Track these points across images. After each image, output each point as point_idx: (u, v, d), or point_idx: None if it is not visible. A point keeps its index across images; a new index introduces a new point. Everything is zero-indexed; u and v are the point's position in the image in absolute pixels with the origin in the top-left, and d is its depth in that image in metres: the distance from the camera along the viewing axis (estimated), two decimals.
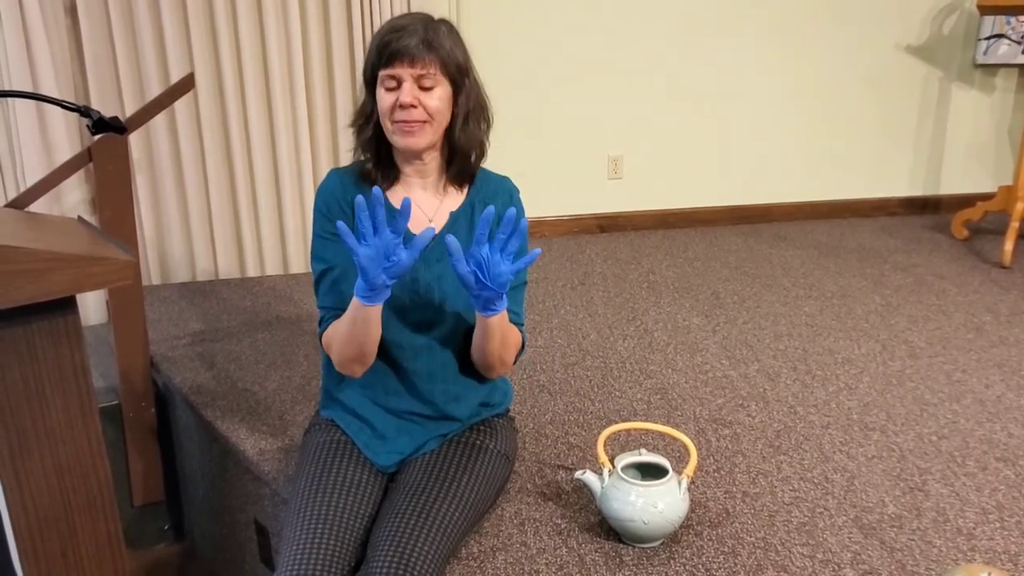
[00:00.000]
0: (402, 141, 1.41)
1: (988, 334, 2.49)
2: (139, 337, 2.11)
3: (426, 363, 1.50)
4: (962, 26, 3.84)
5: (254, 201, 3.00)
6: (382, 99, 1.40)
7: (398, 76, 1.37)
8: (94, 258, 1.19)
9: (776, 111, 3.73)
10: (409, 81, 1.37)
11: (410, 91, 1.37)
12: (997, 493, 1.66)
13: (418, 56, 1.37)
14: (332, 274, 1.49)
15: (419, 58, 1.37)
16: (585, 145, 3.56)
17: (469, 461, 1.49)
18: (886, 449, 1.83)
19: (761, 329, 2.53)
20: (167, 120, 2.82)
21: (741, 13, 3.55)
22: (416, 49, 1.36)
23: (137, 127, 2.06)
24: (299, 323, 2.58)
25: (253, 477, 1.83)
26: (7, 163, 2.61)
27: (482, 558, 1.43)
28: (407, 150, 1.44)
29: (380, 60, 1.39)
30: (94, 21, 2.66)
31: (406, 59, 1.36)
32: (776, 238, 3.57)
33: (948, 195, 4.06)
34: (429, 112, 1.39)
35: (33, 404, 1.23)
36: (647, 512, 1.41)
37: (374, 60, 1.40)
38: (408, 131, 1.40)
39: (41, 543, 1.27)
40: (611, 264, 3.21)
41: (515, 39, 3.35)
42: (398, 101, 1.38)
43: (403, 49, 1.36)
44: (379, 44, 1.39)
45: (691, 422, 1.94)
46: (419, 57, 1.37)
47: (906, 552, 1.47)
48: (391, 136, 1.43)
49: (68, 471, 1.28)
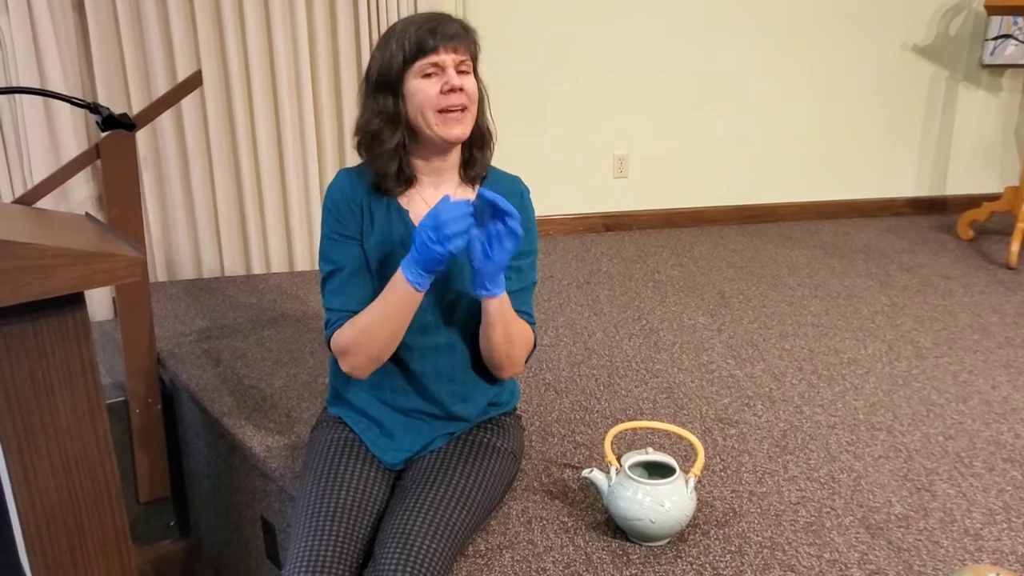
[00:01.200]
0: (450, 131, 1.39)
1: (994, 335, 2.49)
2: (146, 334, 2.11)
3: (434, 364, 1.50)
4: (969, 26, 3.83)
5: (260, 198, 3.00)
6: (423, 89, 1.37)
7: (442, 63, 1.36)
8: (102, 255, 1.19)
9: (782, 111, 3.72)
10: (452, 67, 1.37)
11: (454, 75, 1.37)
12: (1004, 494, 1.66)
13: (460, 41, 1.37)
14: (340, 275, 1.47)
15: (462, 43, 1.38)
16: (591, 144, 3.56)
17: (476, 459, 1.49)
18: (893, 449, 1.82)
19: (767, 329, 2.53)
20: (174, 117, 2.83)
21: (748, 13, 3.55)
22: (457, 35, 1.37)
23: (145, 124, 2.06)
24: (305, 320, 2.59)
25: (259, 474, 1.83)
26: (15, 160, 2.61)
27: (489, 556, 1.43)
28: (454, 140, 1.41)
29: (420, 50, 1.36)
30: (102, 18, 2.66)
31: (449, 45, 1.36)
32: (782, 238, 3.57)
33: (954, 195, 4.05)
34: (469, 97, 1.39)
35: (41, 400, 1.23)
36: (654, 511, 1.41)
37: (409, 54, 1.37)
38: (456, 118, 1.38)
39: (48, 538, 1.28)
40: (617, 263, 3.20)
41: (521, 38, 3.34)
42: (446, 85, 1.36)
43: (446, 35, 1.36)
44: (417, 37, 1.36)
45: (697, 421, 1.94)
46: (462, 42, 1.38)
47: (913, 552, 1.46)
48: (434, 128, 1.39)
49: (75, 467, 1.28)
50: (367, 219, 1.46)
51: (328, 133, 3.02)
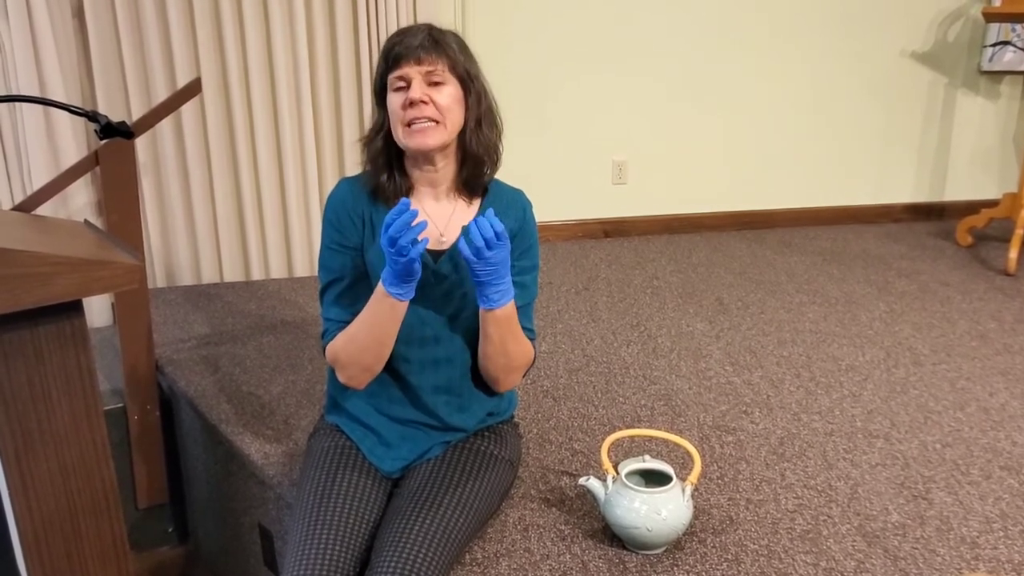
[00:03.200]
0: (412, 141, 1.39)
1: (992, 342, 2.49)
2: (144, 340, 2.12)
3: (433, 378, 1.50)
4: (967, 33, 3.84)
5: (259, 205, 3.01)
6: (392, 101, 1.40)
7: (406, 76, 1.37)
8: (101, 262, 1.20)
9: (781, 117, 3.73)
10: (418, 79, 1.38)
11: (419, 87, 1.37)
12: (1001, 502, 1.66)
13: (424, 53, 1.37)
14: (339, 286, 1.48)
15: (426, 55, 1.37)
16: (590, 150, 3.56)
17: (473, 467, 1.49)
18: (890, 457, 1.82)
19: (765, 335, 2.53)
20: (173, 124, 2.83)
21: (747, 19, 3.56)
22: (422, 46, 1.37)
23: (144, 131, 2.07)
24: (304, 327, 2.59)
25: (257, 481, 1.83)
26: (14, 166, 2.62)
27: (486, 564, 1.43)
28: (418, 151, 1.40)
29: (388, 64, 1.40)
30: (101, 25, 2.67)
31: (412, 57, 1.37)
32: (780, 244, 3.57)
33: (953, 202, 4.06)
34: (439, 109, 1.38)
35: (39, 407, 1.23)
36: (651, 519, 1.41)
37: (382, 67, 1.41)
38: (419, 129, 1.37)
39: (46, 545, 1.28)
40: (615, 269, 3.21)
41: (520, 44, 3.35)
42: (408, 99, 1.37)
43: (409, 47, 1.37)
44: (386, 49, 1.40)
45: (695, 428, 1.94)
46: (426, 54, 1.37)
47: (909, 561, 1.46)
48: (402, 140, 1.40)
49: (73, 473, 1.28)
50: (368, 228, 1.47)
51: (327, 139, 3.02)
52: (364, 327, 1.41)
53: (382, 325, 1.39)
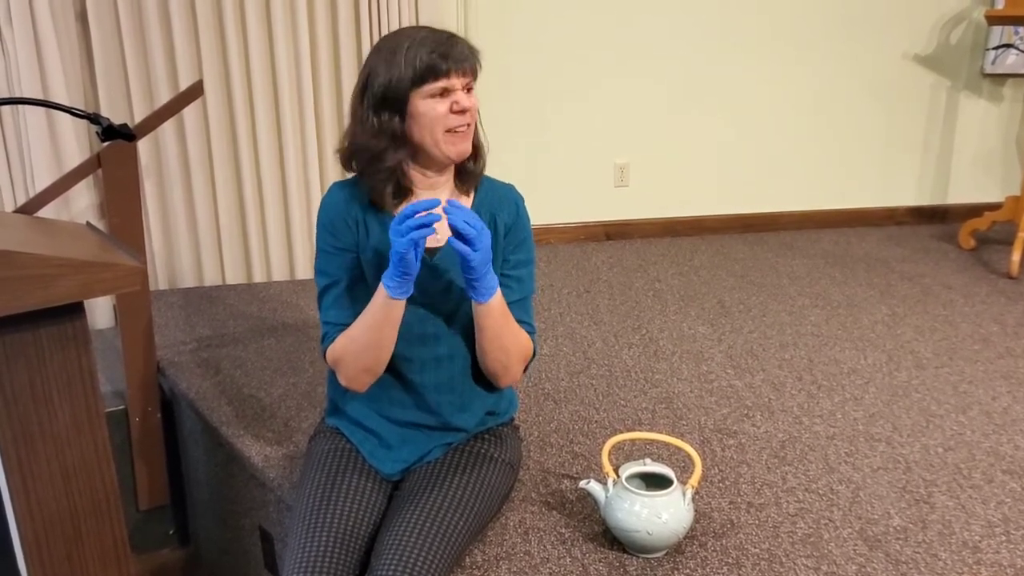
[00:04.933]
0: (455, 149, 1.41)
1: (995, 345, 2.48)
2: (146, 342, 2.12)
3: (433, 376, 1.50)
4: (970, 36, 3.84)
5: (261, 207, 3.01)
6: (433, 109, 1.37)
7: (452, 86, 1.38)
8: (103, 264, 1.20)
9: (783, 119, 3.73)
10: (461, 89, 1.39)
11: (465, 96, 1.39)
12: (1003, 506, 1.65)
13: (469, 64, 1.39)
14: (336, 289, 1.48)
15: (469, 66, 1.39)
16: (592, 153, 3.56)
17: (474, 470, 1.49)
18: (892, 461, 1.82)
19: (767, 338, 2.53)
20: (175, 126, 2.84)
21: (748, 22, 3.56)
22: (468, 57, 1.39)
23: (146, 134, 2.07)
24: (305, 329, 2.59)
25: (258, 483, 1.83)
26: (17, 169, 2.62)
27: (486, 567, 1.43)
28: (459, 158, 1.43)
29: (431, 73, 1.35)
30: (104, 28, 2.68)
31: (459, 69, 1.37)
32: (782, 247, 3.57)
33: (955, 205, 4.05)
34: (472, 116, 1.42)
35: (40, 408, 1.24)
36: (651, 523, 1.40)
37: (418, 76, 1.36)
38: (463, 136, 1.41)
39: (47, 547, 1.28)
40: (617, 272, 3.21)
41: (522, 47, 3.35)
42: (455, 107, 1.38)
43: (460, 57, 1.37)
44: (429, 60, 1.35)
45: (696, 432, 1.94)
46: (469, 65, 1.39)
47: (911, 565, 1.46)
48: (441, 147, 1.40)
49: (74, 475, 1.28)
50: (362, 231, 1.47)
51: (330, 142, 3.03)
52: (364, 328, 1.41)
53: (382, 325, 1.40)
